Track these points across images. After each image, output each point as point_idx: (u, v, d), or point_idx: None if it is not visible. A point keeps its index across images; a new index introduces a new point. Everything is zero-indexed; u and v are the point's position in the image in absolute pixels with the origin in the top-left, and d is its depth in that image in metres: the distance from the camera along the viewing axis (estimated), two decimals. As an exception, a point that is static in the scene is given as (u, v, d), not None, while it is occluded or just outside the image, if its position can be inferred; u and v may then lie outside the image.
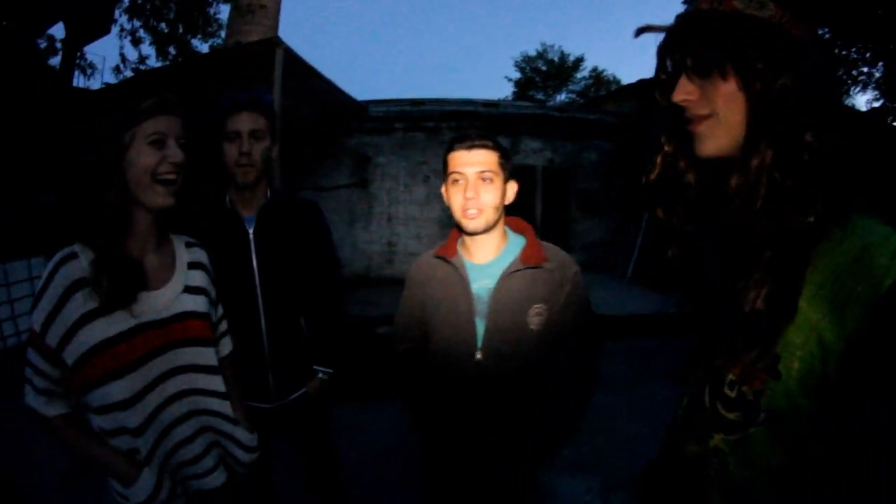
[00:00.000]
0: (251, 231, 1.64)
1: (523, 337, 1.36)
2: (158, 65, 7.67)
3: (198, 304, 1.20)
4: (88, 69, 8.28)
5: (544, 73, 26.17)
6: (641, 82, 9.15)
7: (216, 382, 1.21)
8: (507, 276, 1.36)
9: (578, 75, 26.39)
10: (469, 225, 1.34)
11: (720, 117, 0.71)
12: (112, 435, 1.08)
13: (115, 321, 1.05)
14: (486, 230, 1.36)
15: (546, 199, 8.85)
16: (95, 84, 8.84)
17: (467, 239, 1.41)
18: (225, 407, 1.23)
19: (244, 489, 1.36)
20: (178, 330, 1.14)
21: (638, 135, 8.82)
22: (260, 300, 1.64)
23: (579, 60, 26.17)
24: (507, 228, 1.46)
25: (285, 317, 1.70)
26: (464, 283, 1.38)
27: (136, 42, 8.11)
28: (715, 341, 0.81)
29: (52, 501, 2.45)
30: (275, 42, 5.15)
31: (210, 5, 8.49)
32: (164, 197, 1.10)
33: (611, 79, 26.36)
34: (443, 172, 1.40)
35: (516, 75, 26.88)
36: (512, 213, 1.46)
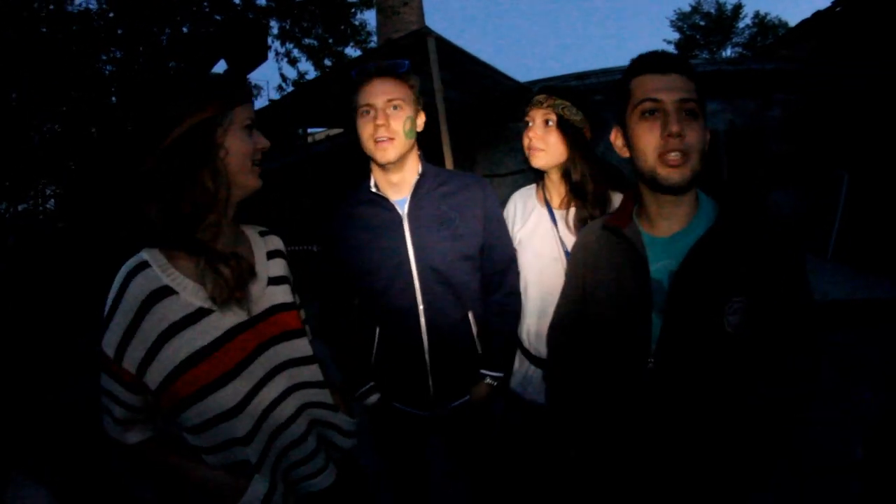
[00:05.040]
0: (404, 213, 1.44)
1: (717, 343, 0.96)
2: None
3: (284, 294, 1.15)
4: (255, 90, 9.24)
5: (703, 28, 24.23)
6: (818, 16, 7.48)
7: (315, 372, 1.17)
8: (697, 253, 0.97)
9: (740, 25, 24.14)
10: (671, 176, 0.96)
11: None
12: (213, 451, 0.99)
13: (203, 330, 0.96)
14: (686, 187, 0.98)
15: (731, 168, 7.60)
16: (261, 104, 9.90)
17: (650, 201, 1.05)
18: (325, 395, 1.18)
19: (351, 489, 1.25)
20: (270, 326, 1.08)
21: (826, 83, 7.20)
22: (418, 292, 1.42)
23: (738, 7, 23.84)
24: (698, 191, 1.07)
25: (449, 312, 1.45)
26: (638, 263, 1.04)
27: (293, 62, 8.89)
28: None
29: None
30: (424, 32, 5.11)
31: (353, 15, 8.96)
32: (257, 179, 1.07)
33: (776, 22, 23.98)
34: (621, 108, 1.04)
35: (675, 36, 25.28)
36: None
